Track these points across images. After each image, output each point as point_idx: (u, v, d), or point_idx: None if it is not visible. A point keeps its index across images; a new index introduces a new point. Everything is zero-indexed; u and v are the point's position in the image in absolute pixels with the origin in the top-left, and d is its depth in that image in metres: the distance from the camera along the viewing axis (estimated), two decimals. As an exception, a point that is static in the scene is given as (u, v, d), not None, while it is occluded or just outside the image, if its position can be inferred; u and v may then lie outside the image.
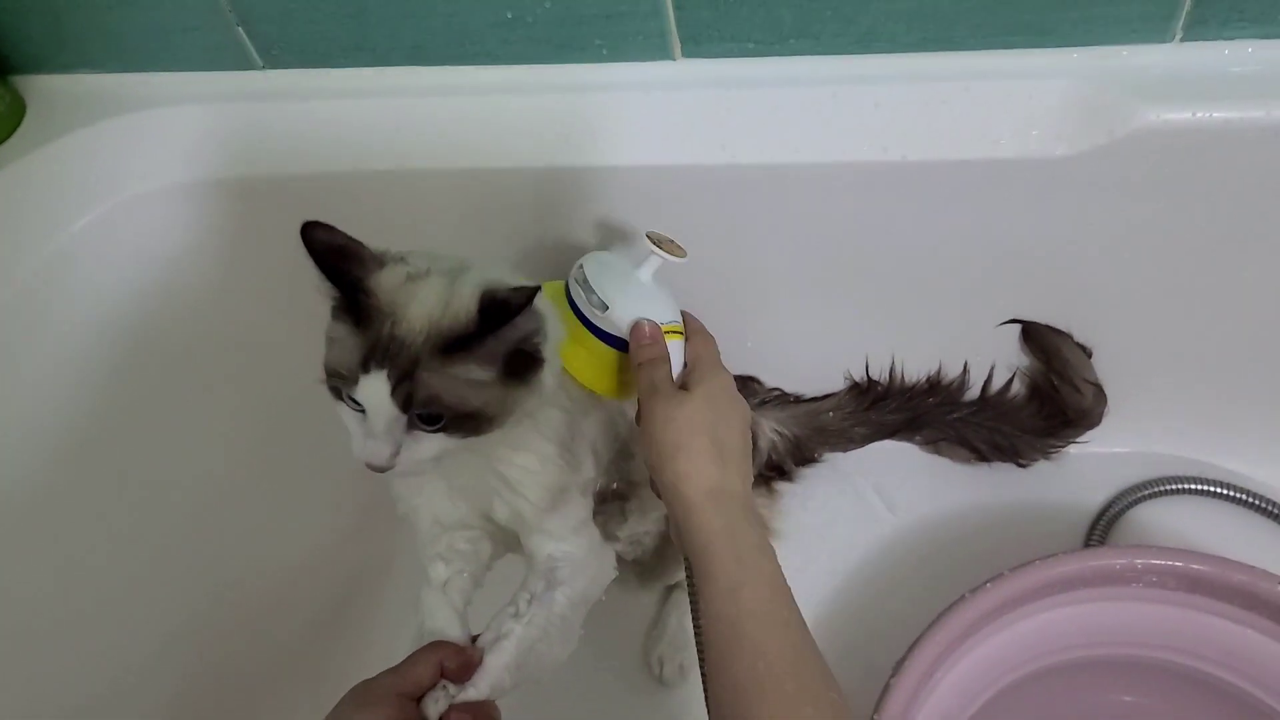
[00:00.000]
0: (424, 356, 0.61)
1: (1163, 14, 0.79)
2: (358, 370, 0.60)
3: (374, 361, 0.60)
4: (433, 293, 0.62)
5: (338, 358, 0.62)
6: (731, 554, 0.64)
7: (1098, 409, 1.07)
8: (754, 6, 0.83)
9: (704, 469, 0.66)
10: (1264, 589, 0.83)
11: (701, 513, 0.65)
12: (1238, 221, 0.87)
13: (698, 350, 0.75)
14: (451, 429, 0.62)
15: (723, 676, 0.62)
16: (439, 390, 0.61)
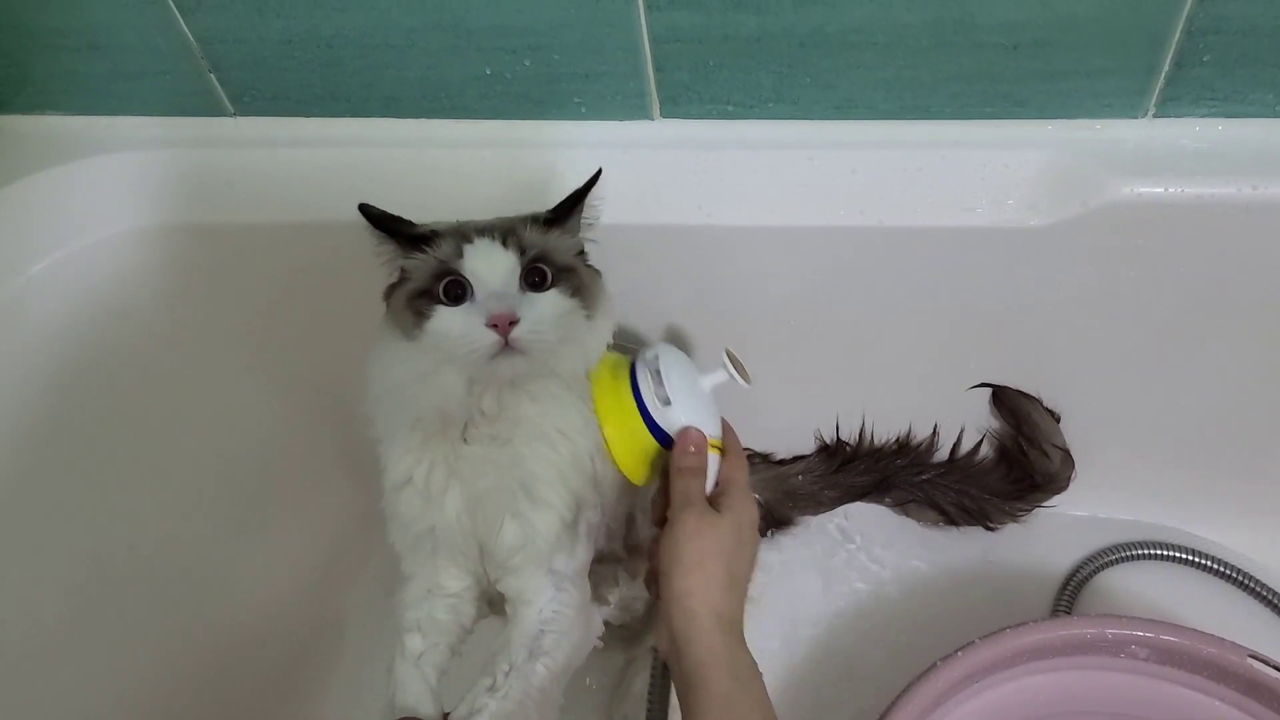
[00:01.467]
0: (518, 226, 0.69)
1: (1136, 90, 0.81)
2: (459, 247, 0.67)
3: (475, 234, 0.68)
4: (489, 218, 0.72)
5: (426, 268, 0.68)
6: (729, 671, 0.65)
7: (1065, 473, 1.07)
8: (733, 70, 0.83)
9: (715, 590, 0.68)
10: (1232, 661, 0.83)
11: (706, 628, 0.66)
12: (1205, 295, 0.88)
13: (733, 473, 0.76)
14: (559, 283, 0.69)
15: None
16: (542, 245, 0.69)
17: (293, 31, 0.86)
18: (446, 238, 0.69)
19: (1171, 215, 0.81)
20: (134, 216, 0.94)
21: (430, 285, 0.66)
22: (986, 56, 0.80)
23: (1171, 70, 0.79)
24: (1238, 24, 0.76)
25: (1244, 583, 1.03)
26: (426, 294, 0.67)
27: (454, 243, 0.68)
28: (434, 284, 0.66)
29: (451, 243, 0.68)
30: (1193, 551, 1.05)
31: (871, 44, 0.80)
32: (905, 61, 0.81)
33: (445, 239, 0.69)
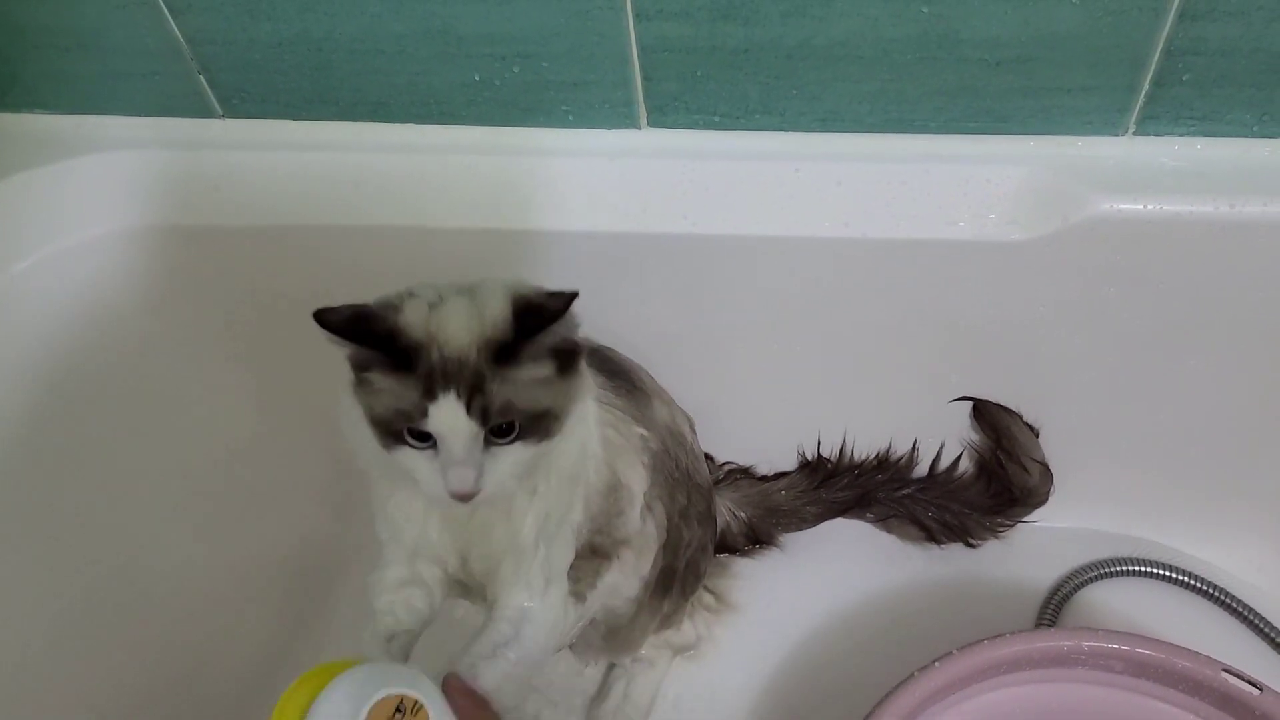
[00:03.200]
0: (486, 368, 0.61)
1: (1117, 108, 0.82)
2: (423, 401, 0.60)
3: (438, 387, 0.60)
4: (462, 311, 0.63)
5: (392, 401, 0.62)
6: None
7: (1044, 488, 1.08)
8: (720, 81, 0.84)
9: None
10: (1207, 675, 0.83)
11: None
12: (1183, 311, 0.89)
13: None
14: (526, 435, 0.63)
15: None
16: (510, 395, 0.62)
17: (283, 35, 0.86)
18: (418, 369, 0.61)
19: (1150, 232, 0.83)
20: (121, 217, 0.93)
21: (394, 422, 0.62)
22: (970, 72, 0.81)
23: (1151, 89, 0.80)
24: (1216, 45, 0.77)
25: (1220, 599, 1.03)
26: (389, 425, 0.63)
27: (420, 384, 0.61)
28: (398, 423, 0.62)
29: (418, 384, 0.61)
30: (1170, 568, 1.05)
31: (857, 57, 0.81)
32: (890, 75, 0.82)
33: (416, 371, 0.61)
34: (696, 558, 0.95)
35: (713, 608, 1.06)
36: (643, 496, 0.83)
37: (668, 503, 0.87)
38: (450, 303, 0.63)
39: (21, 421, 0.89)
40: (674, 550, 0.90)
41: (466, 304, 0.63)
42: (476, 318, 0.63)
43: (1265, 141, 0.83)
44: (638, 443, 0.82)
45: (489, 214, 0.89)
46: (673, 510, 0.88)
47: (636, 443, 0.82)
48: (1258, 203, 0.80)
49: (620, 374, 0.86)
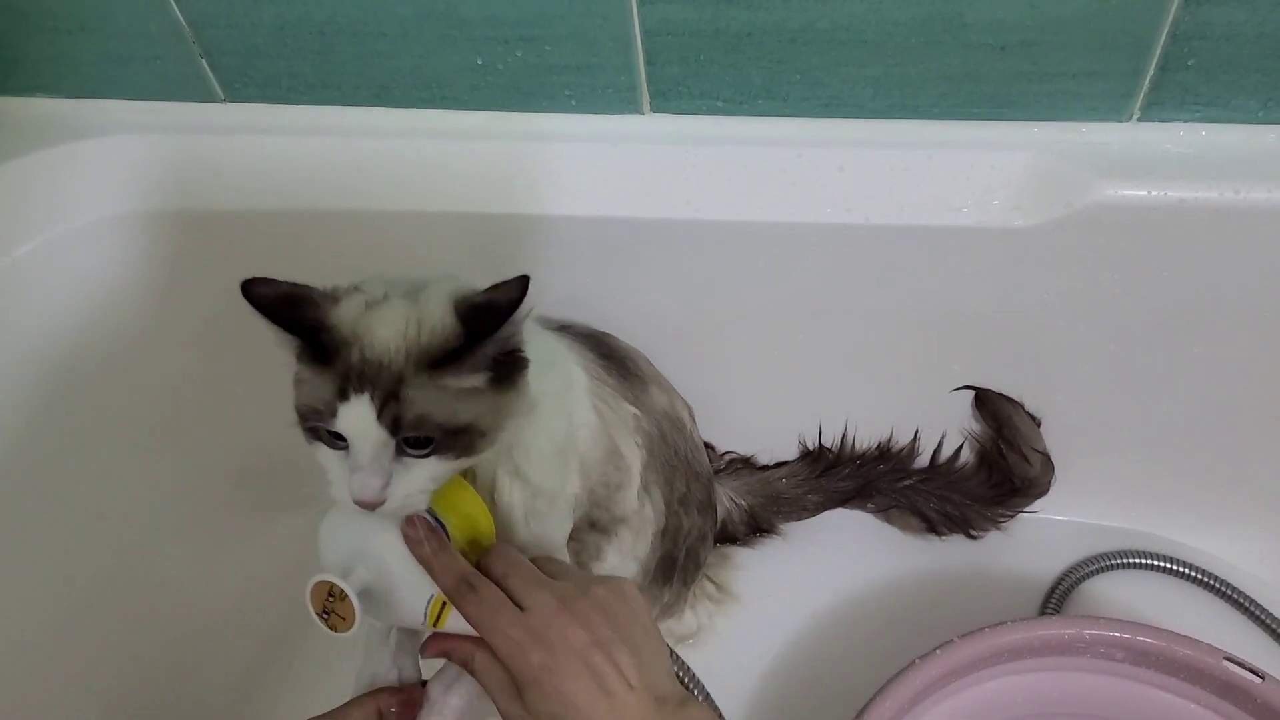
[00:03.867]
0: (408, 374, 0.58)
1: (1121, 93, 0.82)
2: (335, 400, 0.58)
3: (352, 388, 0.58)
4: (398, 314, 0.60)
5: (309, 395, 0.60)
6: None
7: (1045, 478, 1.08)
8: (724, 66, 0.84)
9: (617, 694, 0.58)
10: (1208, 663, 0.83)
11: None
12: (1187, 299, 0.89)
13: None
14: (443, 450, 0.60)
15: None
16: (428, 407, 0.58)
17: (285, 18, 0.86)
18: (336, 366, 0.59)
19: (1154, 218, 0.82)
20: (122, 201, 0.93)
21: (309, 418, 0.60)
22: (974, 56, 0.80)
23: (1156, 74, 0.80)
24: (1221, 30, 0.77)
25: (1221, 590, 1.03)
26: (305, 421, 0.61)
27: (335, 382, 0.58)
28: (312, 419, 0.60)
29: (334, 382, 0.59)
30: (1172, 560, 1.05)
31: (861, 41, 0.80)
32: (894, 60, 0.81)
33: (334, 368, 0.59)
34: (697, 546, 0.95)
35: (714, 597, 1.06)
36: (639, 475, 0.82)
37: (665, 489, 0.87)
38: (389, 304, 0.61)
39: (21, 406, 0.88)
40: (674, 538, 0.90)
41: (405, 307, 0.61)
42: (412, 322, 0.60)
43: (1270, 128, 0.83)
44: (630, 420, 0.82)
45: (491, 199, 0.89)
46: (671, 497, 0.88)
47: (629, 420, 0.82)
48: (1262, 189, 0.80)
49: (615, 357, 0.86)
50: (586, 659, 0.57)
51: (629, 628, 0.60)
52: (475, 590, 0.60)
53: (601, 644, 0.58)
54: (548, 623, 0.58)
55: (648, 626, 0.62)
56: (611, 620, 0.60)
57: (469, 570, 0.61)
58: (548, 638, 0.58)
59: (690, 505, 0.92)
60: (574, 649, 0.57)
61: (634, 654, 0.59)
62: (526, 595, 0.60)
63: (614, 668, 0.58)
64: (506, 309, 0.59)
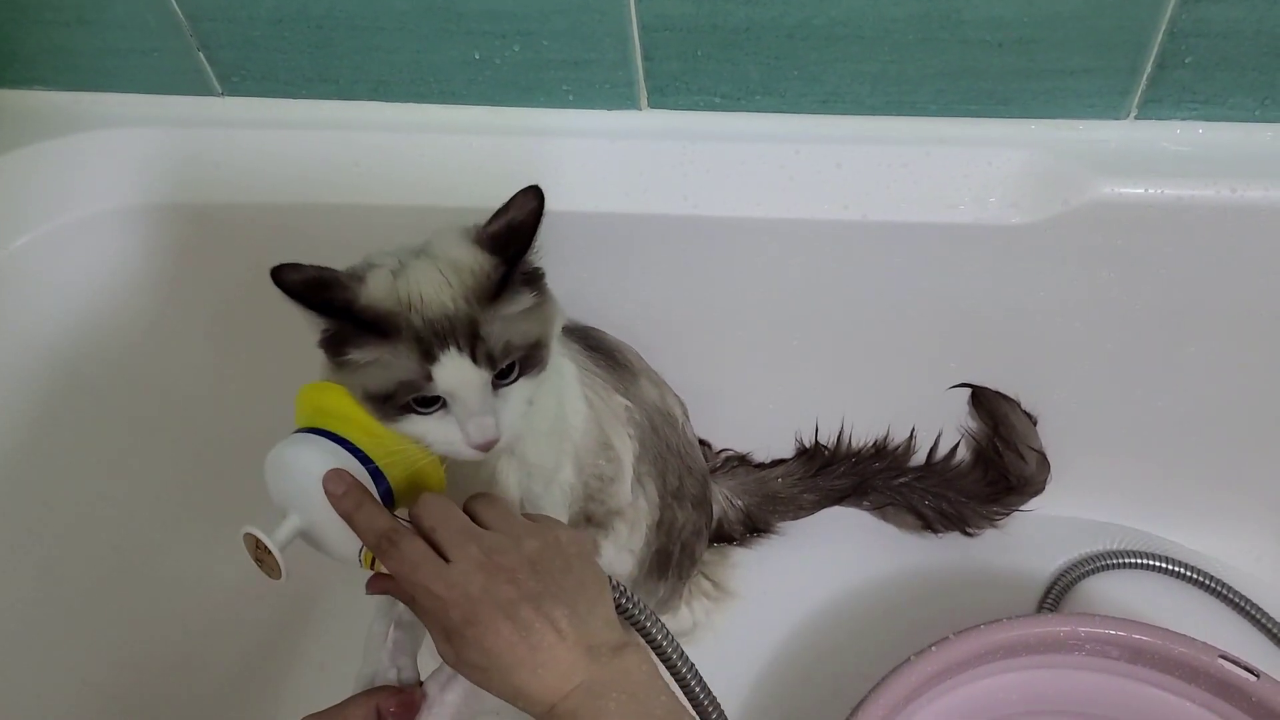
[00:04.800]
0: (477, 315, 0.60)
1: (1119, 90, 0.82)
2: (424, 366, 0.59)
3: (437, 348, 0.59)
4: (430, 270, 0.62)
5: (389, 373, 0.60)
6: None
7: (1041, 476, 1.08)
8: (721, 61, 0.84)
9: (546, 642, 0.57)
10: (1203, 661, 0.83)
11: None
12: (1184, 297, 0.89)
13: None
14: (525, 370, 0.63)
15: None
16: (506, 336, 0.61)
17: (283, 11, 0.86)
18: (404, 336, 0.60)
19: (1151, 216, 0.82)
20: (119, 195, 0.93)
21: (397, 394, 0.61)
22: (971, 53, 0.80)
23: (1154, 72, 0.80)
24: (1219, 27, 0.77)
25: (1217, 590, 1.03)
26: (390, 399, 0.61)
27: (414, 350, 0.60)
28: (402, 395, 0.61)
29: (411, 350, 0.60)
30: (1169, 559, 1.05)
31: (858, 37, 0.80)
32: (891, 56, 0.81)
33: (402, 339, 0.60)
34: (692, 542, 0.95)
35: (711, 594, 1.06)
36: (632, 468, 0.82)
37: (659, 481, 0.87)
38: (413, 266, 0.62)
39: (16, 399, 0.88)
40: (668, 532, 0.90)
41: (429, 263, 0.62)
42: (449, 271, 0.62)
43: (1267, 126, 0.83)
44: (621, 412, 0.82)
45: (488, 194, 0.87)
46: (664, 490, 0.88)
47: (620, 412, 0.82)
48: (1259, 187, 0.80)
49: (602, 349, 0.86)
50: (511, 613, 0.57)
51: (561, 579, 0.60)
52: (397, 545, 0.59)
53: (529, 598, 0.58)
54: (470, 577, 0.57)
55: (584, 575, 0.61)
56: (541, 573, 0.59)
57: (391, 526, 0.60)
58: (469, 593, 0.57)
59: (684, 499, 0.92)
60: (498, 603, 0.57)
61: (566, 605, 0.58)
62: (452, 548, 0.59)
63: (544, 620, 0.57)
64: (531, 223, 0.62)
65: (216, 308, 1.00)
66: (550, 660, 0.57)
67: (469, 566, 0.58)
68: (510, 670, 0.56)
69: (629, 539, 0.85)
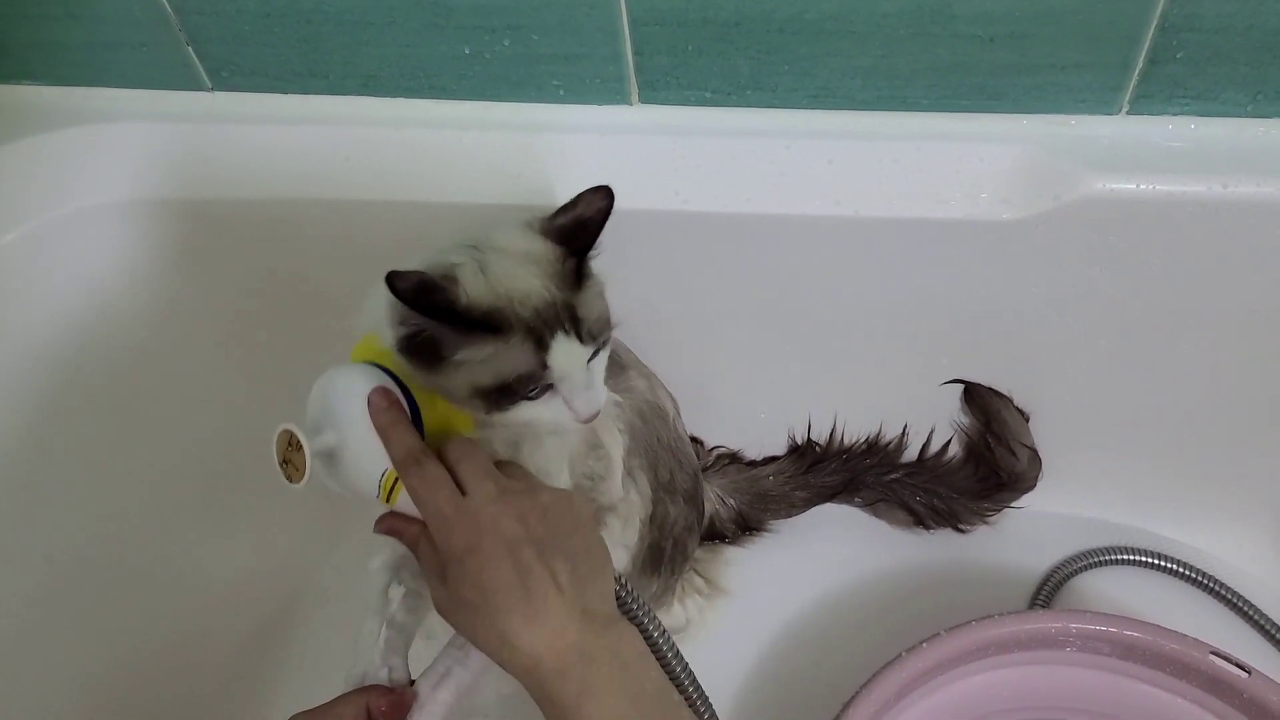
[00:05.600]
0: (572, 300, 0.65)
1: (1111, 86, 0.82)
2: (539, 354, 0.63)
3: (548, 333, 0.63)
4: (514, 265, 0.65)
5: (505, 367, 0.63)
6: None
7: (1032, 473, 1.08)
8: (712, 56, 0.84)
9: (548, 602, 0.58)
10: (1195, 658, 0.83)
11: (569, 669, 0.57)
12: (1176, 293, 0.89)
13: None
14: (605, 345, 0.68)
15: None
16: (596, 314, 0.67)
17: (272, 5, 0.86)
18: (516, 329, 0.63)
19: (1143, 212, 0.82)
20: (108, 190, 0.92)
21: (515, 386, 0.63)
22: (963, 48, 0.80)
23: (1146, 67, 0.80)
24: (1211, 22, 0.77)
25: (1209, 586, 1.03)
26: (505, 391, 0.64)
27: (527, 340, 0.63)
28: (521, 386, 0.63)
29: (525, 341, 0.63)
30: (1161, 556, 1.05)
31: (849, 32, 0.80)
32: (883, 51, 0.81)
33: (514, 331, 0.63)
34: (684, 537, 0.95)
35: (703, 591, 1.06)
36: (623, 462, 0.82)
37: (650, 474, 0.87)
38: (494, 263, 0.65)
39: (6, 394, 0.88)
40: (660, 527, 0.89)
41: (504, 257, 0.65)
42: (530, 263, 0.65)
43: (1259, 121, 0.82)
44: (610, 407, 0.82)
45: (478, 189, 0.88)
46: (656, 483, 0.88)
47: (609, 407, 0.82)
48: (1251, 183, 0.80)
49: None
50: (514, 551, 0.57)
51: (569, 536, 0.60)
52: (421, 465, 0.60)
53: (534, 541, 0.58)
54: (482, 507, 0.58)
55: (591, 542, 0.62)
56: (552, 525, 0.60)
57: (421, 447, 0.62)
58: (479, 520, 0.58)
59: (676, 493, 0.92)
60: (503, 537, 0.57)
61: (568, 561, 0.59)
62: (471, 481, 0.60)
63: (544, 567, 0.57)
64: (600, 220, 0.68)
65: (207, 303, 0.99)
66: (544, 611, 0.56)
67: (482, 498, 0.59)
68: (501, 613, 0.56)
69: (623, 534, 0.85)
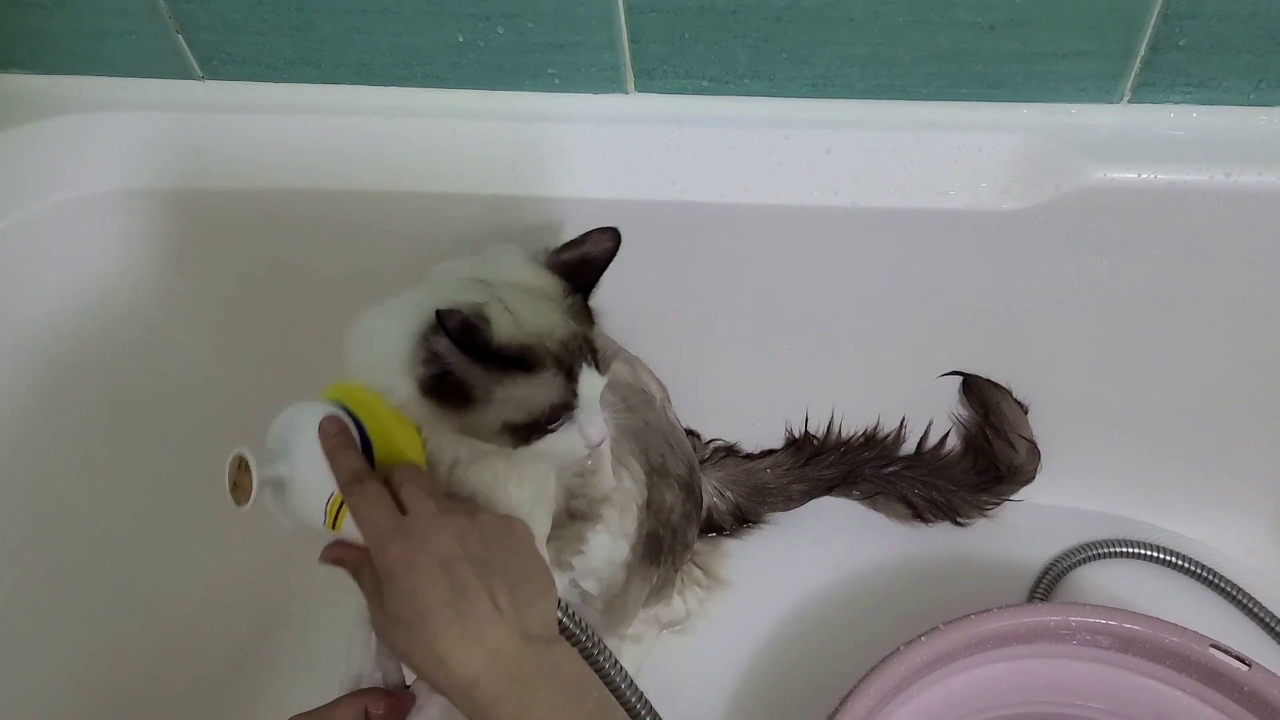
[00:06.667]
0: (586, 333, 0.66)
1: (1112, 74, 0.81)
2: (569, 386, 0.64)
3: (576, 367, 0.64)
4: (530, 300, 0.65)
5: (535, 402, 0.63)
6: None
7: (1031, 465, 1.07)
8: (709, 44, 0.83)
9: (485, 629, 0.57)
10: (1195, 650, 0.83)
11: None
12: (1176, 284, 0.88)
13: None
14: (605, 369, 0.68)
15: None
16: (604, 345, 0.68)
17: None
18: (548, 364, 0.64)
19: (1144, 201, 0.81)
20: (98, 180, 0.92)
21: (547, 418, 0.64)
22: (963, 36, 0.79)
23: (1147, 54, 0.79)
24: (1213, 9, 0.76)
25: (1209, 579, 1.03)
26: (537, 425, 0.64)
27: (559, 374, 0.64)
28: (553, 416, 0.64)
29: (558, 375, 0.64)
30: (1161, 549, 1.05)
31: (848, 19, 0.79)
32: (881, 39, 0.80)
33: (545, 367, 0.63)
34: (682, 526, 0.94)
35: (703, 583, 1.06)
36: (610, 452, 0.82)
37: (641, 459, 0.86)
38: (514, 299, 0.65)
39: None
40: (656, 513, 0.89)
41: (524, 292, 0.66)
42: (542, 298, 0.66)
43: (1262, 110, 0.82)
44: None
45: (472, 179, 0.88)
46: (649, 467, 0.87)
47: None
48: (1253, 172, 0.79)
49: None
50: (450, 569, 0.57)
51: (508, 558, 0.60)
52: (364, 485, 0.60)
53: (472, 559, 0.57)
54: (419, 523, 0.58)
55: (532, 566, 0.61)
56: (490, 544, 0.59)
57: (366, 469, 0.61)
58: (415, 536, 0.57)
59: (669, 477, 0.91)
60: (439, 554, 0.57)
61: (507, 583, 0.58)
62: (411, 500, 0.60)
63: (482, 588, 0.57)
64: (604, 260, 0.69)
65: (198, 293, 0.98)
66: (479, 633, 0.56)
67: (421, 516, 0.59)
68: (437, 631, 0.55)
69: (621, 523, 0.84)
